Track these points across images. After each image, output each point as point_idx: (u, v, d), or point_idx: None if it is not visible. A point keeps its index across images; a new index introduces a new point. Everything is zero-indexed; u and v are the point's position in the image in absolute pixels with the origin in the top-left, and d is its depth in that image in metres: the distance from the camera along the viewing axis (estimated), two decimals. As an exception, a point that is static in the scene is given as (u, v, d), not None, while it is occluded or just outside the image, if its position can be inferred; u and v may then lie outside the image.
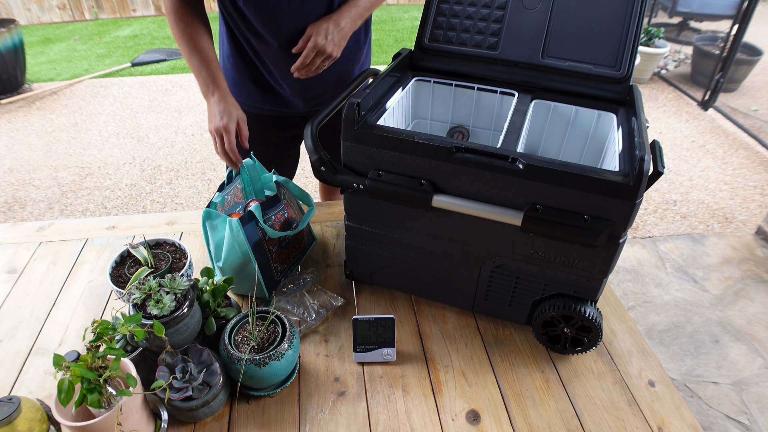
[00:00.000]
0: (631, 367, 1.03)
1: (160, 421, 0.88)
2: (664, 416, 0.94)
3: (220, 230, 1.08)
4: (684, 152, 3.46)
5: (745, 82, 4.34)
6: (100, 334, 0.80)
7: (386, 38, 5.49)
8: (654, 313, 2.25)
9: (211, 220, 1.08)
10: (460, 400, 0.96)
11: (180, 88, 4.36)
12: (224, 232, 1.06)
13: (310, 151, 0.97)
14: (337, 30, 1.15)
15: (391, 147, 0.92)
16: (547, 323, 1.02)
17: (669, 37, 4.87)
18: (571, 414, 0.94)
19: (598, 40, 1.06)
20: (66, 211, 2.87)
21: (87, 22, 6.06)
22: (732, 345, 2.10)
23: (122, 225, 1.40)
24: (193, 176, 3.18)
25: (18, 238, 1.35)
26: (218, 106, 1.10)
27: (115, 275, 1.07)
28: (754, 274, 2.45)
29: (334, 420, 0.92)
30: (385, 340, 1.00)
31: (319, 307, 1.11)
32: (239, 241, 1.04)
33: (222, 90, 1.12)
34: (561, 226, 0.87)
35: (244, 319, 0.97)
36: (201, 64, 1.11)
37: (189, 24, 1.11)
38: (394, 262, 1.09)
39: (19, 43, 4.02)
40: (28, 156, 3.36)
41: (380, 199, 0.99)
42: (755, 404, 1.87)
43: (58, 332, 1.09)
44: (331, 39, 1.15)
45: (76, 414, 0.80)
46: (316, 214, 1.42)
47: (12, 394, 0.80)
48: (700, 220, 2.82)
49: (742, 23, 3.59)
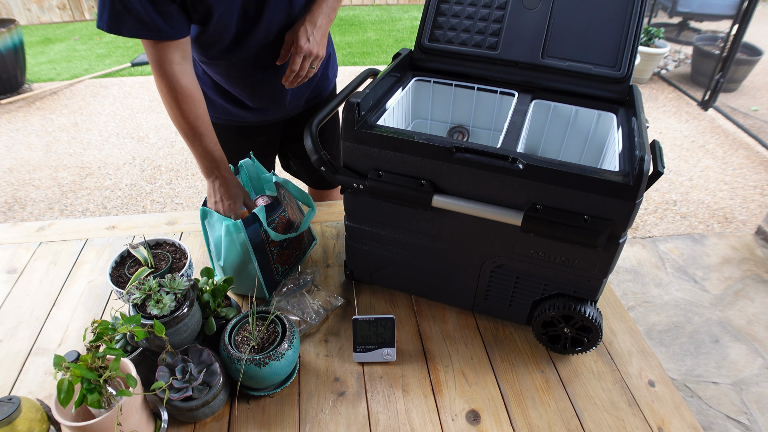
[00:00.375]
0: (631, 367, 1.03)
1: (160, 421, 0.88)
2: (664, 416, 0.94)
3: (217, 229, 1.08)
4: (684, 152, 3.46)
5: (745, 82, 4.34)
6: (100, 334, 0.80)
7: (386, 38, 5.49)
8: (654, 313, 2.25)
9: (209, 219, 1.08)
10: (460, 400, 0.96)
11: (180, 88, 4.36)
12: (221, 231, 1.06)
13: (310, 152, 0.97)
14: (315, 29, 1.14)
15: (391, 147, 0.92)
16: (547, 323, 1.02)
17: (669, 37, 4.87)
18: (571, 414, 0.94)
19: (598, 40, 1.06)
20: (66, 211, 2.87)
21: (87, 22, 6.06)
22: (732, 345, 2.10)
23: (122, 225, 1.40)
24: (193, 176, 3.18)
25: (18, 238, 1.35)
26: (221, 190, 1.11)
27: (115, 275, 1.07)
28: (754, 274, 2.45)
29: (334, 420, 0.92)
30: (385, 340, 1.00)
31: (319, 307, 1.11)
32: (241, 243, 1.04)
33: (224, 176, 1.11)
34: (561, 226, 0.87)
35: (244, 319, 0.97)
36: (205, 149, 1.10)
37: (193, 105, 1.06)
38: (394, 262, 1.09)
39: (19, 43, 4.02)
40: (28, 156, 3.36)
41: (380, 199, 0.99)
42: (755, 404, 1.87)
43: (58, 332, 1.09)
44: (313, 39, 1.14)
45: (75, 414, 0.80)
46: (316, 214, 1.42)
47: (12, 394, 0.80)
48: (700, 220, 2.82)
49: (742, 23, 3.59)
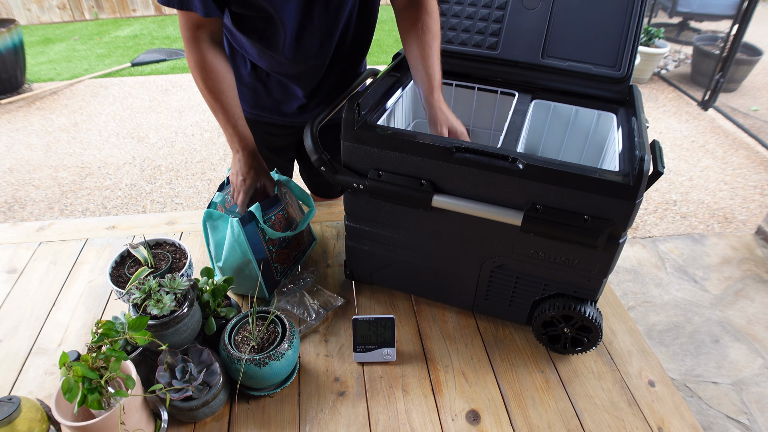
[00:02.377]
0: (631, 367, 1.03)
1: (160, 421, 0.88)
2: (664, 416, 0.94)
3: (221, 230, 1.08)
4: (684, 152, 3.46)
5: (745, 82, 4.34)
6: (103, 336, 0.80)
7: (386, 38, 5.49)
8: (654, 313, 2.25)
9: (212, 221, 1.08)
10: (460, 400, 0.96)
11: (180, 88, 4.36)
12: (225, 232, 1.06)
13: (310, 152, 0.97)
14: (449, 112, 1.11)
15: (391, 147, 0.92)
16: (547, 323, 1.02)
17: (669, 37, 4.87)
18: (571, 414, 0.94)
19: (598, 40, 1.06)
20: (66, 211, 2.87)
21: (87, 22, 6.06)
22: (732, 345, 2.10)
23: (122, 225, 1.40)
24: (193, 176, 3.18)
25: (18, 238, 1.35)
26: (239, 164, 1.12)
27: (115, 275, 1.07)
28: (754, 274, 2.45)
29: (334, 420, 0.92)
30: (385, 340, 1.00)
31: (319, 307, 1.11)
32: (239, 242, 1.04)
33: (247, 150, 1.12)
34: (561, 226, 0.87)
35: (244, 319, 0.97)
36: (228, 123, 1.10)
37: (216, 80, 1.06)
38: (394, 262, 1.09)
39: (19, 43, 4.02)
40: (28, 156, 3.36)
41: (380, 199, 0.99)
42: (755, 404, 1.87)
43: (58, 332, 1.09)
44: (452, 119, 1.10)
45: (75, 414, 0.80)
46: (316, 214, 1.42)
47: (12, 394, 0.80)
48: (700, 220, 2.82)
49: (742, 23, 3.59)
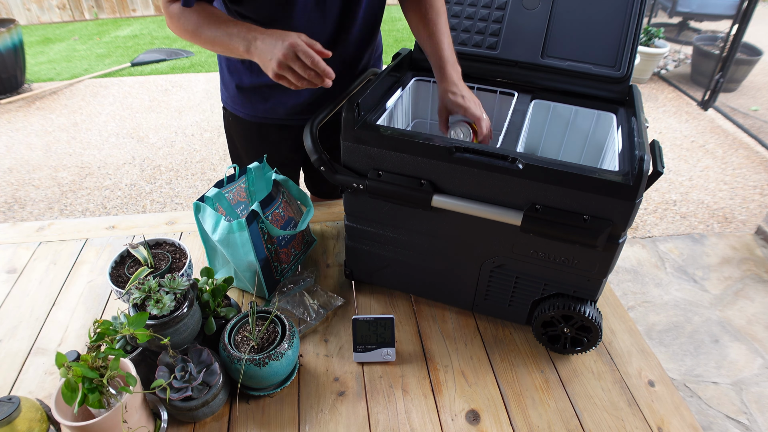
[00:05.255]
0: (631, 367, 1.03)
1: (160, 421, 0.88)
2: (664, 416, 0.94)
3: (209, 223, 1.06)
4: (684, 152, 3.46)
5: (745, 82, 4.34)
6: (101, 335, 0.80)
7: (386, 38, 5.50)
8: (654, 313, 2.25)
9: (202, 213, 1.07)
10: (460, 400, 0.96)
11: (180, 88, 4.36)
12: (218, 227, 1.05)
13: (310, 151, 0.97)
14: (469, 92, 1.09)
15: (391, 147, 0.92)
16: (547, 323, 1.02)
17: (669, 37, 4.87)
18: (570, 414, 0.94)
19: (597, 40, 1.06)
20: (66, 211, 2.87)
21: (87, 22, 6.06)
22: (732, 345, 2.10)
23: (122, 225, 1.40)
24: (193, 176, 3.18)
25: (18, 238, 1.35)
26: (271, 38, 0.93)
27: (115, 275, 1.07)
28: (753, 274, 2.45)
29: (334, 420, 0.92)
30: (384, 340, 1.00)
31: (319, 307, 1.11)
32: (242, 240, 1.04)
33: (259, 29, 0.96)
34: (561, 226, 0.87)
35: (244, 319, 0.97)
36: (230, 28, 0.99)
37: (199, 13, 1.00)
38: (394, 262, 1.09)
39: (19, 43, 4.02)
40: (28, 156, 3.36)
41: (380, 199, 0.99)
42: (755, 404, 1.87)
43: (58, 332, 1.09)
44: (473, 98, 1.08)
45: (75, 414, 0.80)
46: (316, 214, 1.42)
47: (12, 394, 0.80)
48: (699, 220, 2.82)
49: (742, 23, 3.59)
